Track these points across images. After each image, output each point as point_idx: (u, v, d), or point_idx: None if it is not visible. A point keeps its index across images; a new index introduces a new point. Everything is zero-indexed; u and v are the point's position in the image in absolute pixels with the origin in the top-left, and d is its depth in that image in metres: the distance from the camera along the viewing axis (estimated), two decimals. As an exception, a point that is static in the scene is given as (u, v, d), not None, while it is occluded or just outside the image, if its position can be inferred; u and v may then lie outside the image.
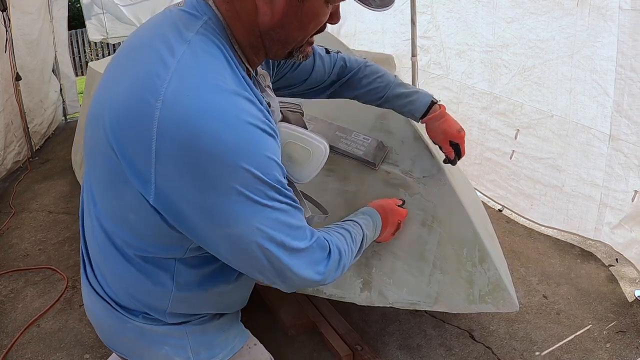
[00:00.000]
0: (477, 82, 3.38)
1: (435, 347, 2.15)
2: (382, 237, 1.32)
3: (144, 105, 0.77)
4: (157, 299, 1.01)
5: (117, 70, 0.89)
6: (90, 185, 0.97)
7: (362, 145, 1.65)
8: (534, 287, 2.51)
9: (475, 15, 3.28)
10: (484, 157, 3.42)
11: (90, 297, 1.08)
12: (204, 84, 0.78)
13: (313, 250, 0.93)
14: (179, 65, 0.78)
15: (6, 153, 4.32)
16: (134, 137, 0.78)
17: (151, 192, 0.80)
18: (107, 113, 0.83)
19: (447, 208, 1.52)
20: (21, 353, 2.25)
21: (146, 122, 0.76)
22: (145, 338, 1.06)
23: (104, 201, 0.93)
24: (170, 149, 0.75)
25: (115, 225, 0.92)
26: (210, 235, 0.84)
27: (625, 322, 2.24)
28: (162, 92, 0.76)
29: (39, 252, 3.12)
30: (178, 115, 0.75)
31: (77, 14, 9.48)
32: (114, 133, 0.81)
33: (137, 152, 0.78)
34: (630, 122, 2.38)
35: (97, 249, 1.00)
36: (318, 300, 2.16)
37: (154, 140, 0.76)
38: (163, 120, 0.75)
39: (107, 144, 0.83)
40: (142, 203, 0.83)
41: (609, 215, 2.61)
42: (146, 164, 0.77)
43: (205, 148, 0.75)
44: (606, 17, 2.39)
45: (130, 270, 0.97)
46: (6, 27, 4.27)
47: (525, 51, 2.93)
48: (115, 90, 0.84)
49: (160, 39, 0.83)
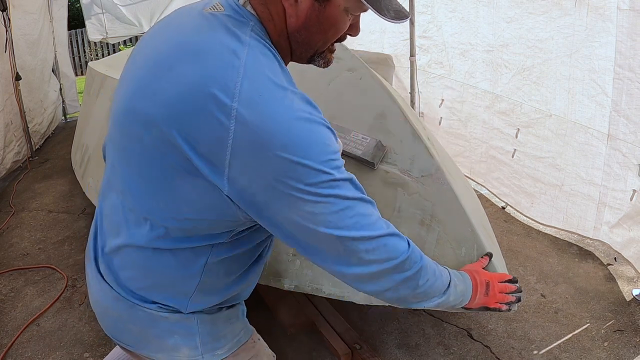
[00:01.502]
0: (480, 82, 3.39)
1: (434, 346, 2.16)
2: (476, 300, 1.20)
3: (219, 104, 0.82)
4: (183, 287, 1.04)
5: (157, 68, 0.91)
6: (123, 178, 0.99)
7: (361, 144, 1.65)
8: (532, 286, 2.52)
9: (477, 15, 3.29)
10: (489, 155, 3.43)
11: (100, 286, 1.10)
12: (272, 86, 0.85)
13: (389, 238, 0.93)
14: (247, 67, 0.84)
15: (6, 152, 4.33)
16: (208, 133, 0.83)
17: (225, 184, 0.85)
18: (162, 111, 0.86)
19: (445, 207, 1.52)
20: (21, 352, 2.26)
21: (223, 121, 0.81)
22: (155, 327, 1.07)
23: (148, 194, 0.94)
24: (246, 147, 0.82)
25: (159, 217, 0.95)
26: (283, 225, 0.89)
27: (623, 321, 2.24)
28: (237, 93, 0.82)
29: (39, 251, 3.12)
30: (254, 117, 0.81)
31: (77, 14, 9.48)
32: (180, 129, 0.84)
33: (212, 147, 0.83)
34: (629, 121, 2.39)
35: (121, 240, 1.02)
36: (317, 299, 2.16)
37: (230, 138, 0.81)
38: (240, 120, 0.81)
39: (164, 139, 0.86)
40: (210, 193, 0.87)
41: (607, 215, 2.62)
42: (221, 158, 0.83)
43: (279, 146, 0.81)
44: (604, 17, 2.39)
45: (160, 261, 1.00)
46: (6, 27, 4.28)
47: (524, 51, 2.94)
48: (167, 87, 0.87)
49: (218, 42, 0.88)
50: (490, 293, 1.23)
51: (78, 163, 3.42)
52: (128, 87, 0.97)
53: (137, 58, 1.01)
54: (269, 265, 1.63)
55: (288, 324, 2.09)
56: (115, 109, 1.01)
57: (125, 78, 1.02)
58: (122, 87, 1.02)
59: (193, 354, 1.09)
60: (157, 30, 1.03)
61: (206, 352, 1.10)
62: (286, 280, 1.61)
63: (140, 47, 1.04)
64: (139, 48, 1.04)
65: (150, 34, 1.04)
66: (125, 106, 0.95)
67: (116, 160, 1.01)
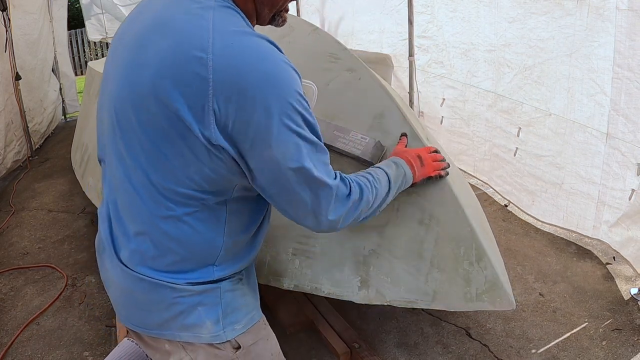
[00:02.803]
0: (482, 81, 3.40)
1: (433, 345, 2.17)
2: (417, 174, 1.38)
3: (197, 61, 0.90)
4: (210, 251, 1.10)
5: (138, 49, 0.99)
6: (133, 157, 1.02)
7: (360, 144, 1.66)
8: (530, 285, 2.52)
9: (478, 15, 3.30)
10: (492, 153, 3.45)
11: (121, 272, 1.12)
12: (241, 35, 0.94)
13: (338, 189, 1.05)
14: (215, 25, 0.93)
15: (6, 152, 4.33)
16: (193, 88, 0.91)
17: (213, 132, 0.93)
18: (156, 81, 0.94)
19: (444, 207, 1.53)
20: (21, 351, 2.27)
21: (203, 73, 0.90)
22: (181, 302, 1.10)
23: (158, 164, 1.00)
24: (225, 89, 0.90)
25: (171, 183, 1.00)
26: (258, 161, 0.97)
27: (621, 320, 2.25)
28: (210, 47, 0.91)
29: (39, 250, 3.13)
30: (227, 61, 0.91)
31: (77, 14, 9.48)
32: (169, 93, 0.92)
33: (198, 100, 0.91)
34: (628, 120, 2.40)
35: (141, 219, 1.06)
36: (316, 299, 2.17)
37: (211, 87, 0.90)
38: (217, 69, 0.90)
39: (161, 107, 0.94)
40: (204, 147, 0.94)
41: (606, 214, 2.63)
42: (207, 108, 0.91)
43: (255, 83, 0.91)
44: (604, 17, 2.40)
45: (183, 231, 1.05)
46: (6, 27, 4.29)
47: (526, 50, 2.95)
48: (152, 62, 0.95)
49: (184, 11, 0.96)
50: (425, 163, 1.41)
51: (78, 162, 3.42)
52: (120, 77, 1.03)
53: (118, 51, 1.07)
54: (268, 265, 1.64)
55: (287, 323, 2.10)
56: (112, 103, 1.05)
57: (110, 73, 1.09)
58: (110, 81, 1.07)
59: (215, 330, 1.13)
60: (130, 21, 1.09)
61: (227, 325, 1.14)
62: (285, 279, 1.62)
63: (119, 40, 1.10)
64: (119, 41, 1.10)
65: (124, 26, 1.11)
66: (122, 95, 1.01)
67: (123, 150, 1.04)
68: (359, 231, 1.57)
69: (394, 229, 1.55)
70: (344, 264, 1.56)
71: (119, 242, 1.13)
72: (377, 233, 1.56)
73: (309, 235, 1.61)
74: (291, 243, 1.63)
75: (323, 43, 1.94)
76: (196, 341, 1.13)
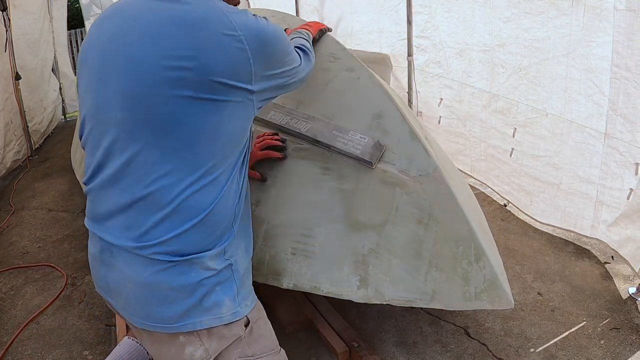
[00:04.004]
0: (477, 81, 3.40)
1: (431, 344, 2.17)
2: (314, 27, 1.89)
3: (231, 38, 1.13)
4: (228, 219, 1.22)
5: (160, 39, 1.10)
6: (156, 147, 1.11)
7: (359, 144, 1.67)
8: (528, 284, 2.53)
9: (472, 15, 3.30)
10: (488, 154, 3.45)
11: (139, 268, 1.14)
12: (240, 12, 1.18)
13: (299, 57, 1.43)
14: (223, 9, 1.15)
15: (6, 151, 4.34)
16: (236, 58, 1.14)
17: (253, 85, 1.18)
18: (195, 63, 1.08)
19: (443, 206, 1.54)
20: (21, 350, 2.27)
21: (241, 46, 1.14)
22: (204, 283, 1.16)
23: (190, 142, 1.12)
24: (258, 53, 1.17)
25: (198, 156, 1.13)
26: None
27: (620, 319, 2.26)
28: (235, 25, 1.13)
29: (39, 249, 3.14)
30: (253, 33, 1.17)
31: (76, 13, 9.47)
32: (213, 69, 1.10)
33: (240, 67, 1.14)
34: (626, 120, 2.40)
35: (164, 201, 1.11)
36: (315, 298, 2.18)
37: (249, 52, 1.15)
38: (248, 39, 1.15)
39: (203, 83, 1.09)
40: (245, 99, 1.17)
41: (604, 213, 2.63)
42: (248, 69, 1.16)
43: (271, 42, 1.22)
44: (601, 17, 2.41)
45: (207, 201, 1.15)
46: (6, 27, 4.29)
47: (521, 50, 2.96)
48: (189, 45, 1.10)
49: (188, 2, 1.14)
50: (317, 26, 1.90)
51: (78, 162, 3.43)
52: (128, 67, 1.11)
53: (119, 47, 1.14)
54: (267, 264, 1.65)
55: (286, 322, 2.11)
56: (122, 92, 1.11)
57: (107, 73, 1.15)
58: (115, 71, 1.13)
59: (232, 307, 1.20)
60: (123, 19, 1.17)
61: (241, 301, 1.23)
62: (285, 278, 1.62)
63: (96, 45, 1.19)
64: (97, 46, 1.19)
65: (96, 31, 1.22)
66: (143, 86, 1.10)
67: (139, 136, 1.11)
68: (358, 230, 1.58)
69: (393, 228, 1.55)
70: (343, 263, 1.56)
71: (143, 235, 1.13)
72: (376, 232, 1.56)
73: (308, 234, 1.62)
74: (290, 242, 1.64)
75: (322, 43, 1.95)
76: (217, 323, 1.17)
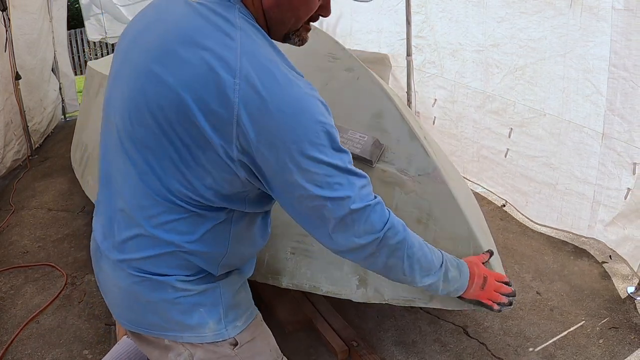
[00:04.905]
0: (470, 81, 3.40)
1: (430, 343, 2.18)
2: (472, 290, 1.27)
3: (225, 82, 0.91)
4: (218, 247, 1.12)
5: (164, 58, 0.97)
6: (147, 164, 1.03)
7: (359, 143, 1.67)
8: (527, 283, 2.54)
9: (466, 15, 3.30)
10: (480, 155, 3.45)
11: (120, 275, 1.13)
12: (268, 64, 0.94)
13: (372, 209, 1.08)
14: (242, 48, 0.93)
15: (6, 151, 4.34)
16: (218, 107, 0.92)
17: (234, 150, 0.95)
18: (180, 94, 0.94)
19: (442, 206, 1.54)
20: (21, 349, 2.28)
21: (229, 95, 0.91)
22: (182, 302, 1.11)
23: (172, 171, 1.01)
24: (250, 115, 0.92)
25: (186, 188, 1.01)
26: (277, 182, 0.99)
27: (618, 318, 2.27)
28: (237, 72, 0.91)
29: (39, 249, 3.14)
30: (252, 91, 0.91)
31: (76, 13, 9.45)
32: (192, 108, 0.93)
33: (221, 118, 0.92)
34: (623, 120, 2.41)
35: (147, 222, 1.06)
36: (314, 297, 2.18)
37: (235, 108, 0.91)
38: (242, 93, 0.91)
39: (184, 118, 0.95)
40: (224, 161, 0.96)
41: (602, 213, 2.64)
42: (229, 127, 0.93)
43: (277, 116, 0.92)
44: (599, 17, 2.41)
45: (190, 237, 1.07)
46: (6, 27, 4.29)
47: (516, 50, 2.96)
48: (177, 74, 0.95)
49: (211, 25, 0.96)
50: (486, 288, 1.28)
51: (78, 162, 3.43)
52: (135, 81, 1.02)
53: (134, 54, 1.05)
54: (267, 264, 1.65)
55: (286, 322, 2.11)
56: (124, 103, 1.04)
57: (123, 74, 1.07)
58: (124, 83, 1.05)
59: (217, 328, 1.15)
60: (145, 24, 1.08)
61: (228, 323, 1.17)
62: (284, 278, 1.63)
63: (129, 43, 1.09)
64: (129, 44, 1.09)
65: (139, 28, 1.09)
66: (139, 98, 1.00)
67: (135, 154, 1.05)
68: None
69: (391, 228, 1.55)
70: (342, 263, 1.57)
71: (119, 245, 1.12)
72: (375, 231, 1.57)
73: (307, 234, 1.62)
74: (290, 242, 1.64)
75: (321, 43, 1.95)
76: (199, 342, 1.14)
